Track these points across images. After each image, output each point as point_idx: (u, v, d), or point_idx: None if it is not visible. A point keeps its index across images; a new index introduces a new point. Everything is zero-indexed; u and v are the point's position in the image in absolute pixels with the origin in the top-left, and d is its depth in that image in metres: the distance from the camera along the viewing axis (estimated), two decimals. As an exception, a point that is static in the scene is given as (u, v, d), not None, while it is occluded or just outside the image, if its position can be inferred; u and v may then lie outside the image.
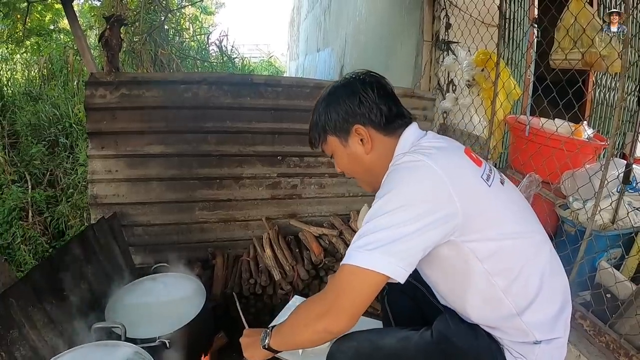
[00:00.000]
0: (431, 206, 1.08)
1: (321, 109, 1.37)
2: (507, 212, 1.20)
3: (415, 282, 1.63)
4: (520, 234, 1.20)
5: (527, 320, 1.18)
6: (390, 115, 1.31)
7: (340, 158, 1.39)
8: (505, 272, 1.17)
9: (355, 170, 1.40)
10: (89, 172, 2.86)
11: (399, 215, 1.08)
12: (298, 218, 3.30)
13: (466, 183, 1.13)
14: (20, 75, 7.72)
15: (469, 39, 3.13)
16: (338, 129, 1.34)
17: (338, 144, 1.36)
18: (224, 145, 3.05)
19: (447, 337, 1.27)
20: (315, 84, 3.22)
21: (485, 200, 1.15)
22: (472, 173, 1.17)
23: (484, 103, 3.12)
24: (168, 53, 7.83)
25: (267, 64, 15.94)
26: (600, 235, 2.14)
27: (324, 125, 1.36)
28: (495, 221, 1.16)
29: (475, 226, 1.12)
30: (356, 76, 1.36)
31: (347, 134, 1.33)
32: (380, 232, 1.08)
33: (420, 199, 1.08)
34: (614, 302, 1.82)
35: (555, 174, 2.46)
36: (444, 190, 1.08)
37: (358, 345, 1.33)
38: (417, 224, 1.07)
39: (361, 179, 1.43)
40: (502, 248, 1.16)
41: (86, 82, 2.80)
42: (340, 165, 1.42)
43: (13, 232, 4.44)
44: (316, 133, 1.40)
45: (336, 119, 1.33)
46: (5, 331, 1.57)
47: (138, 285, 2.32)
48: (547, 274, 1.22)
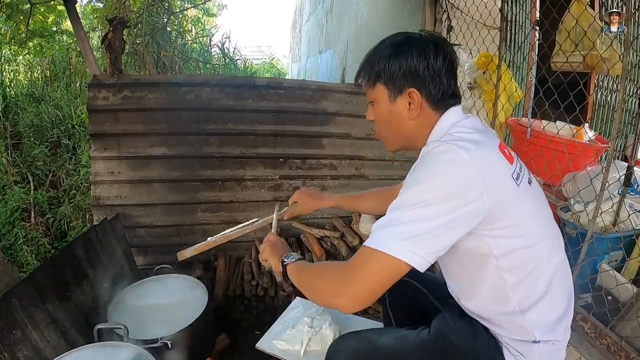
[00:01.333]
0: (461, 202, 1.06)
1: (384, 54, 1.25)
2: (530, 213, 1.18)
3: (416, 283, 1.64)
4: (538, 237, 1.19)
5: (529, 319, 1.18)
6: (448, 92, 1.25)
7: (380, 110, 1.30)
8: (517, 270, 1.16)
9: (389, 128, 1.33)
10: (92, 174, 2.87)
11: (430, 208, 1.05)
12: (300, 220, 3.30)
13: (497, 181, 1.11)
14: (23, 77, 7.74)
15: (471, 42, 3.13)
16: (393, 83, 1.24)
17: (385, 96, 1.27)
18: (226, 147, 3.06)
19: (445, 335, 1.27)
20: (317, 87, 3.23)
21: (512, 200, 1.12)
22: (504, 171, 1.14)
23: (486, 105, 3.12)
24: (170, 55, 7.83)
25: (269, 66, 15.91)
26: (602, 238, 2.14)
27: (380, 72, 1.25)
28: (517, 221, 1.14)
29: (498, 223, 1.11)
30: (432, 37, 1.27)
31: (399, 92, 1.24)
32: (410, 223, 1.05)
33: (451, 194, 1.06)
34: (615, 305, 1.82)
35: (557, 176, 2.47)
36: (475, 186, 1.06)
37: (356, 345, 1.34)
38: (445, 217, 1.05)
39: (389, 137, 1.35)
40: (518, 247, 1.15)
41: (89, 83, 2.81)
42: (376, 116, 1.33)
43: (15, 233, 4.45)
44: (367, 74, 1.29)
45: (396, 72, 1.23)
46: (7, 332, 1.57)
47: (140, 286, 2.32)
48: (556, 278, 1.21)
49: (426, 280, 1.64)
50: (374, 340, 1.35)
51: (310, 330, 2.03)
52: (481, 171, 1.07)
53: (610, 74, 2.55)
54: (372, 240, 1.09)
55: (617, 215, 2.27)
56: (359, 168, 3.38)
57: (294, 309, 2.27)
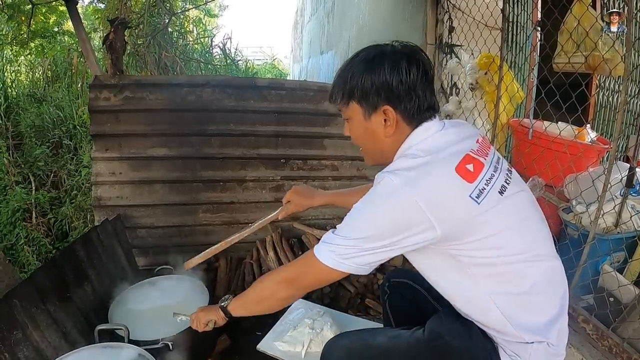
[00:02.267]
0: (403, 236, 1.12)
1: (356, 71, 1.23)
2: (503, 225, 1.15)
3: (416, 284, 1.64)
4: (513, 248, 1.17)
5: (516, 324, 1.17)
6: (424, 105, 1.22)
7: (356, 127, 1.30)
8: (493, 276, 1.17)
9: (365, 144, 1.35)
10: (93, 174, 2.88)
11: (370, 242, 1.15)
12: (301, 221, 3.30)
13: (449, 207, 1.09)
14: (24, 77, 7.75)
15: (472, 42, 3.13)
16: (366, 100, 1.23)
17: (359, 114, 1.26)
18: (228, 147, 3.06)
19: (440, 335, 1.26)
20: (319, 87, 3.23)
21: (471, 219, 1.11)
22: (458, 194, 1.10)
23: (487, 106, 3.11)
24: (172, 56, 7.84)
25: (270, 67, 15.93)
26: (603, 239, 2.13)
27: (353, 89, 1.23)
28: (484, 235, 1.13)
29: (460, 240, 1.13)
30: (404, 49, 1.24)
31: (374, 110, 1.23)
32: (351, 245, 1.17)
33: (392, 232, 1.12)
34: (616, 306, 1.82)
35: (559, 177, 2.45)
36: (421, 219, 1.08)
37: (350, 344, 1.36)
38: (387, 247, 1.14)
39: (367, 152, 1.38)
40: (490, 257, 1.15)
41: (90, 84, 2.82)
42: (352, 133, 1.34)
43: (17, 233, 4.46)
44: (340, 92, 1.28)
45: (368, 90, 1.21)
46: (8, 332, 1.57)
47: (141, 287, 2.32)
48: (542, 282, 1.20)
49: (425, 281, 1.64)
50: (367, 339, 1.36)
51: (311, 331, 2.04)
52: (428, 202, 1.07)
53: (612, 74, 2.54)
54: (320, 251, 1.23)
55: (619, 217, 2.26)
56: (361, 169, 3.38)
57: (295, 311, 2.27)
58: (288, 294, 1.37)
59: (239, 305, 1.50)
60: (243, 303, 1.50)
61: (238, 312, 1.51)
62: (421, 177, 1.10)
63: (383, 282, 1.77)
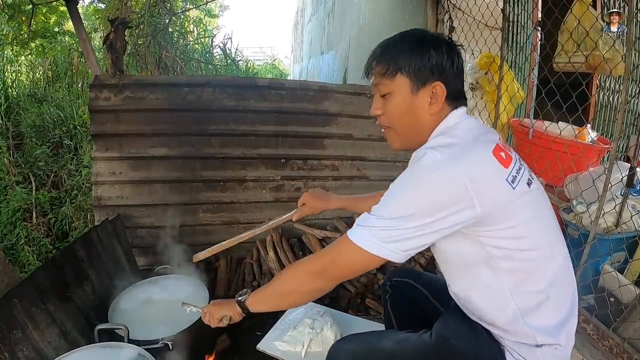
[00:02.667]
0: (445, 213, 1.07)
1: (407, 46, 1.23)
2: (529, 216, 1.17)
3: (417, 284, 1.64)
4: (537, 239, 1.18)
5: (530, 323, 1.17)
6: (462, 91, 1.27)
7: (398, 102, 1.25)
8: (516, 272, 1.16)
9: (403, 122, 1.27)
10: (93, 174, 2.88)
11: (412, 220, 1.09)
12: (301, 221, 3.29)
13: (489, 187, 1.10)
14: (25, 77, 7.76)
15: (473, 42, 3.13)
16: (417, 75, 1.21)
17: (406, 88, 1.23)
18: (228, 147, 3.06)
19: (447, 339, 1.26)
20: (319, 87, 3.23)
21: (506, 204, 1.12)
22: (497, 176, 1.12)
23: (488, 106, 3.11)
24: (172, 56, 7.84)
25: (271, 67, 15.93)
26: (604, 239, 2.13)
27: (405, 63, 1.21)
28: (514, 224, 1.13)
29: (493, 226, 1.12)
30: (449, 39, 1.28)
31: (423, 85, 1.22)
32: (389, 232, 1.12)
33: (436, 208, 1.08)
34: (617, 306, 1.82)
35: (559, 177, 2.46)
36: (464, 196, 1.06)
37: (356, 348, 1.33)
38: (427, 228, 1.09)
39: (401, 132, 1.29)
40: (516, 249, 1.15)
41: (90, 84, 2.82)
42: (388, 109, 1.27)
43: (17, 233, 4.46)
44: (387, 65, 1.24)
45: (423, 65, 1.20)
46: (8, 332, 1.57)
47: (141, 287, 2.32)
48: (557, 281, 1.20)
49: (427, 281, 1.64)
50: (373, 343, 1.34)
51: (311, 331, 2.04)
52: (471, 179, 1.06)
53: (613, 74, 2.54)
54: (356, 234, 1.18)
55: (620, 217, 2.26)
56: (361, 169, 3.38)
57: (295, 310, 2.27)
58: (316, 286, 1.28)
59: (258, 300, 1.42)
60: (264, 297, 1.41)
61: (257, 307, 1.42)
62: (463, 154, 1.11)
63: (384, 281, 1.77)
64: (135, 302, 2.20)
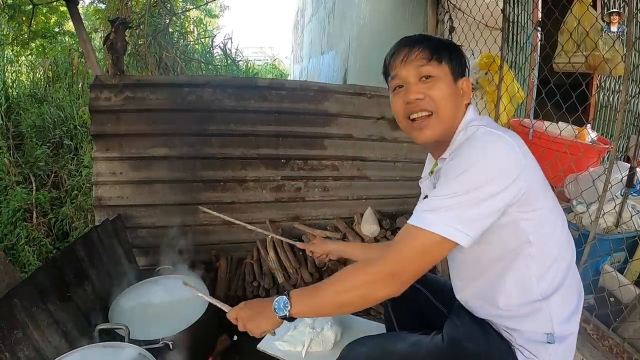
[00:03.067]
0: (508, 181, 1.09)
1: (445, 42, 1.35)
2: (550, 200, 1.23)
3: (418, 285, 1.63)
4: (559, 224, 1.24)
5: (551, 306, 1.20)
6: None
7: (441, 87, 1.28)
8: (542, 259, 1.19)
9: (447, 105, 1.28)
10: (94, 174, 2.88)
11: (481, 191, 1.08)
12: (302, 221, 3.30)
13: (533, 164, 1.17)
14: (25, 77, 7.76)
15: (473, 43, 3.13)
16: (457, 68, 1.32)
17: (449, 76, 1.30)
18: (228, 148, 3.06)
19: (459, 341, 1.26)
20: (319, 87, 3.23)
21: (541, 184, 1.19)
22: (530, 154, 1.19)
23: (488, 106, 3.11)
24: (172, 56, 7.86)
25: (271, 67, 15.95)
26: (604, 239, 2.13)
27: (452, 53, 1.31)
28: (544, 206, 1.19)
29: (532, 206, 1.15)
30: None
31: (458, 78, 1.32)
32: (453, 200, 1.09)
33: (500, 175, 1.09)
34: (617, 306, 1.82)
35: (559, 177, 2.46)
36: (518, 167, 1.10)
37: (369, 351, 1.31)
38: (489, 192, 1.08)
39: (443, 116, 1.28)
40: (546, 233, 1.19)
41: (91, 84, 2.82)
42: (432, 92, 1.27)
43: (17, 233, 4.46)
44: (438, 50, 1.29)
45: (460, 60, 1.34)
46: (9, 332, 1.57)
47: (142, 287, 2.32)
48: (572, 269, 1.26)
49: (429, 282, 1.64)
50: (387, 346, 1.33)
51: (311, 331, 2.04)
52: (523, 151, 1.14)
53: (613, 74, 2.54)
54: (420, 221, 1.12)
55: (620, 217, 2.27)
56: (361, 169, 3.38)
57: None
58: (388, 292, 1.18)
59: (307, 310, 1.27)
60: (315, 307, 1.26)
61: (305, 315, 1.32)
62: (506, 131, 1.19)
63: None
64: (136, 302, 2.20)
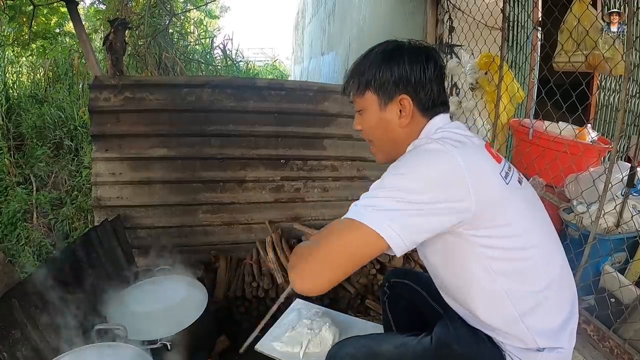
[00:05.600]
0: (444, 196, 1.03)
1: (374, 61, 1.25)
2: (521, 213, 1.16)
3: (416, 286, 1.63)
4: (531, 238, 1.16)
5: (530, 326, 1.15)
6: (437, 99, 1.25)
7: (369, 118, 1.28)
8: (512, 273, 1.13)
9: (378, 136, 1.30)
10: (93, 175, 2.88)
11: (413, 195, 1.02)
12: (301, 221, 3.30)
13: (484, 179, 1.09)
14: (25, 78, 7.78)
15: (472, 42, 3.13)
16: (383, 90, 1.23)
17: (375, 104, 1.26)
18: (228, 148, 3.06)
19: (447, 343, 1.24)
20: (319, 88, 3.23)
21: (500, 199, 1.11)
22: (491, 169, 1.13)
23: (488, 106, 3.11)
24: (172, 56, 7.85)
25: (271, 68, 15.95)
26: (605, 239, 2.13)
27: (371, 79, 1.24)
28: (508, 221, 1.12)
29: (488, 223, 1.09)
30: (422, 46, 1.27)
31: (390, 100, 1.23)
32: (391, 201, 1.02)
33: (434, 186, 1.03)
34: (618, 307, 1.81)
35: (559, 177, 2.45)
36: (461, 184, 1.04)
37: (355, 352, 1.31)
38: (426, 205, 1.02)
39: (379, 145, 1.33)
40: (511, 249, 1.13)
41: (91, 85, 2.82)
42: (364, 124, 1.31)
43: (17, 234, 4.46)
44: (357, 82, 1.28)
45: (387, 79, 1.22)
46: (7, 332, 1.57)
47: (141, 287, 2.32)
48: (556, 282, 1.18)
49: (426, 283, 1.62)
50: (373, 347, 1.32)
51: (309, 332, 2.03)
52: (469, 168, 1.05)
53: (613, 74, 2.54)
54: (350, 212, 1.05)
55: (620, 217, 2.26)
56: (361, 169, 3.38)
57: (293, 311, 2.27)
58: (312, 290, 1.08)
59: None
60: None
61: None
62: (460, 146, 1.11)
63: (383, 282, 1.77)
64: (135, 303, 2.20)
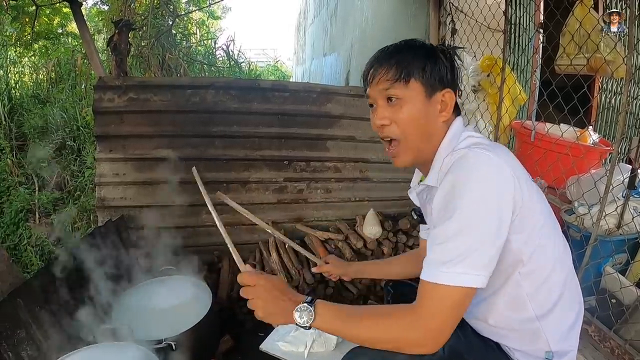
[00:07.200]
0: (507, 206, 1.05)
1: (419, 53, 1.22)
2: (547, 217, 1.17)
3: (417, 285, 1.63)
4: (554, 243, 1.19)
5: (546, 327, 1.16)
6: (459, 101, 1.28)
7: (409, 108, 1.20)
8: (534, 276, 1.15)
9: (413, 129, 1.22)
10: (97, 175, 2.89)
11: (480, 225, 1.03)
12: (304, 222, 3.30)
13: (525, 179, 1.11)
14: (28, 78, 7.78)
15: (475, 45, 3.13)
16: (430, 81, 1.20)
17: (420, 94, 1.20)
18: (231, 149, 3.07)
19: (459, 352, 1.23)
20: (322, 89, 3.23)
21: (534, 201, 1.12)
22: (523, 171, 1.14)
23: (490, 108, 3.12)
24: (175, 57, 7.87)
25: (273, 69, 15.97)
26: (606, 241, 2.13)
27: (419, 68, 1.19)
28: (537, 223, 1.13)
29: (525, 225, 1.09)
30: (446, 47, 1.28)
31: (434, 92, 1.21)
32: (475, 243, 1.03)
33: (498, 203, 1.04)
34: (619, 308, 1.82)
35: (561, 179, 2.46)
36: (514, 187, 1.05)
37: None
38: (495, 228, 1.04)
39: (411, 141, 1.24)
40: (537, 252, 1.13)
41: (94, 85, 2.83)
42: (398, 116, 1.22)
43: (20, 234, 4.48)
44: (401, 70, 1.19)
45: (435, 72, 1.20)
46: (12, 331, 1.58)
47: (145, 287, 2.33)
48: (567, 284, 1.20)
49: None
50: (387, 357, 1.26)
51: (313, 332, 2.03)
52: (513, 169, 1.07)
53: (614, 76, 2.54)
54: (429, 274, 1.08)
55: (621, 218, 2.27)
56: (364, 171, 3.38)
57: (296, 311, 2.27)
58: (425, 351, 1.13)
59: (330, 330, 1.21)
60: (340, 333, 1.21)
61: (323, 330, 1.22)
62: (496, 149, 1.11)
63: (386, 282, 1.78)
64: (139, 303, 2.21)
